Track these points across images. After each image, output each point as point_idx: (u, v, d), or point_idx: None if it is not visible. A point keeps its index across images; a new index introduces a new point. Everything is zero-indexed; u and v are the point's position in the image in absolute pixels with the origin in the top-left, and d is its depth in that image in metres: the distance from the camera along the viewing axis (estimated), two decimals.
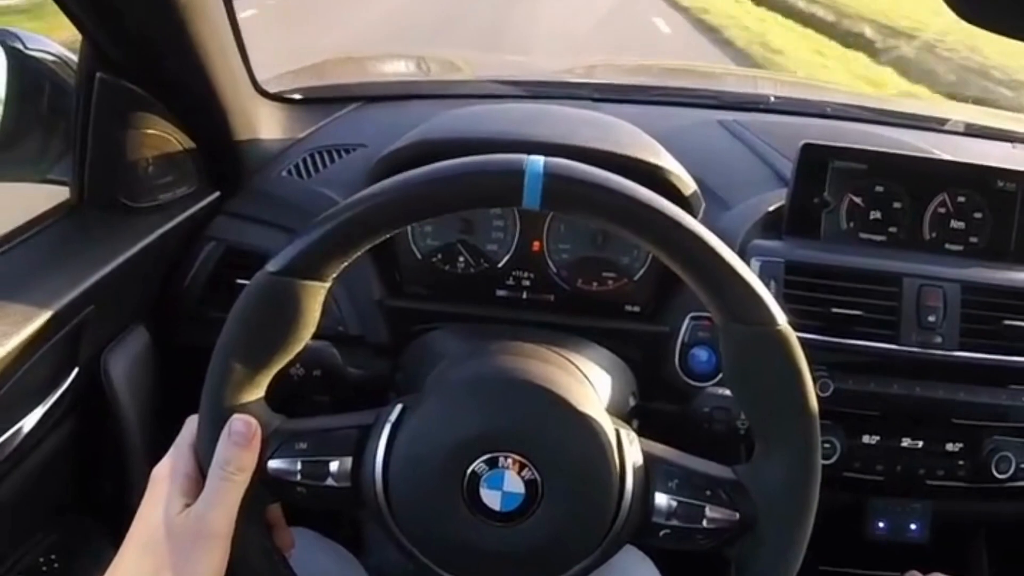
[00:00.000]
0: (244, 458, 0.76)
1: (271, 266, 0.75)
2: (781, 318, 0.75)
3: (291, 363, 0.81)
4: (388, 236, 0.76)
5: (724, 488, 0.78)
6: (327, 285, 0.77)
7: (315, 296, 0.76)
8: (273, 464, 0.77)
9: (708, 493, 0.78)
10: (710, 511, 0.77)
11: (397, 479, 0.77)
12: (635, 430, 0.84)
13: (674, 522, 0.78)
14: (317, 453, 0.78)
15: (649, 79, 2.18)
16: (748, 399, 0.79)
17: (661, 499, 0.78)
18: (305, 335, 0.78)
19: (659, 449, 0.82)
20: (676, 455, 0.81)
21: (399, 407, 0.81)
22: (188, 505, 0.75)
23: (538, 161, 0.73)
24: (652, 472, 0.79)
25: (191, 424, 0.79)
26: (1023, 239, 1.30)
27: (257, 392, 0.78)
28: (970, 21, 0.81)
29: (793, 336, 0.75)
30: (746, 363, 0.77)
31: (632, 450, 0.80)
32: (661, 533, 0.78)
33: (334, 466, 0.78)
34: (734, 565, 0.80)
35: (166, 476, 0.77)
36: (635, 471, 0.78)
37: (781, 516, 0.77)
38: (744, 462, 0.80)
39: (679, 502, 0.78)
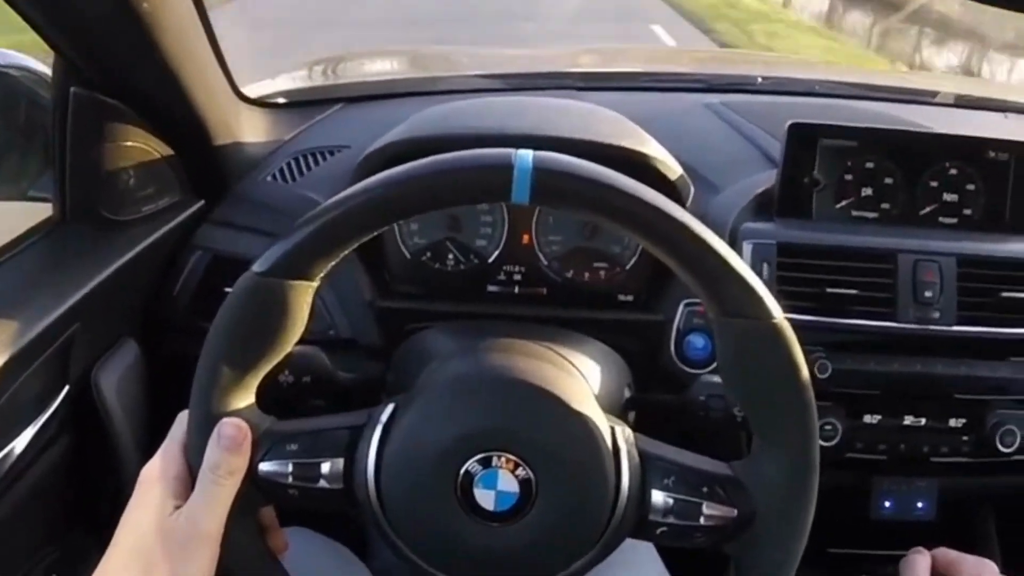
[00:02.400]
0: (234, 462, 0.75)
1: (257, 267, 0.74)
2: (776, 311, 0.74)
3: (279, 369, 0.80)
4: (375, 234, 0.75)
5: (721, 484, 0.77)
6: (315, 285, 0.76)
7: (303, 296, 0.75)
8: (264, 467, 0.77)
9: (705, 490, 0.77)
10: (707, 508, 0.76)
11: (390, 480, 0.77)
12: (632, 422, 0.83)
13: (671, 519, 0.77)
14: (308, 455, 0.77)
15: (634, 65, 2.16)
16: (744, 394, 0.78)
17: (657, 496, 0.77)
18: (294, 336, 0.77)
19: (655, 446, 0.81)
20: (672, 451, 0.80)
21: (391, 407, 0.80)
22: (178, 507, 0.75)
23: (527, 155, 0.72)
24: (648, 469, 0.78)
25: (181, 423, 0.79)
26: (1017, 209, 1.29)
27: (247, 395, 0.77)
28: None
29: (789, 329, 0.74)
30: (741, 357, 0.76)
31: (627, 447, 0.79)
32: (658, 531, 0.78)
33: (326, 467, 0.77)
34: (734, 561, 0.79)
35: (156, 478, 0.76)
36: (631, 468, 0.77)
37: (779, 512, 0.76)
38: (744, 450, 0.80)
39: (676, 499, 0.77)
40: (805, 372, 0.75)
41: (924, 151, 1.29)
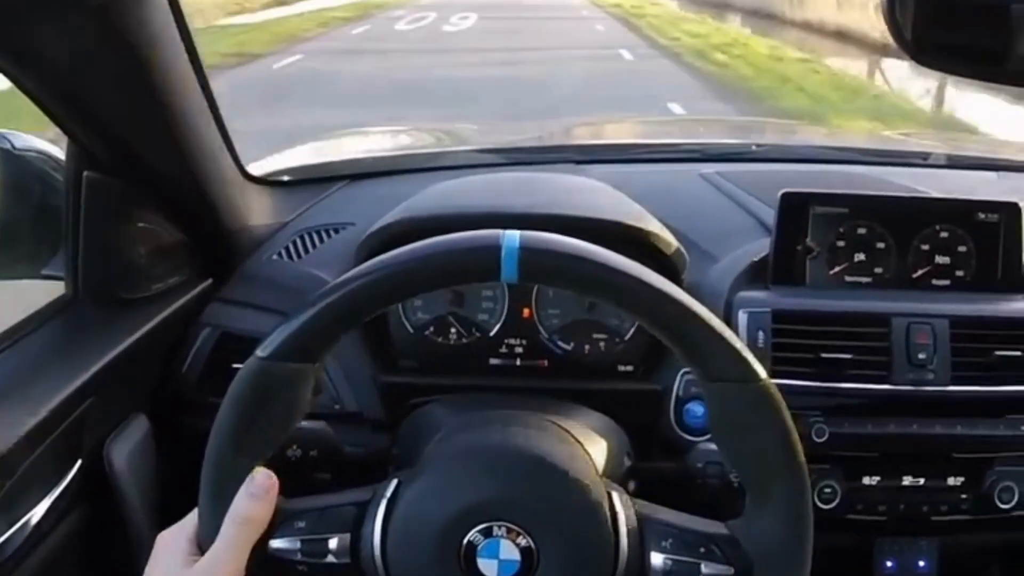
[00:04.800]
0: (259, 508, 0.78)
1: (261, 351, 0.77)
2: (762, 373, 0.76)
3: (287, 445, 0.82)
4: (374, 316, 0.78)
5: (718, 543, 0.79)
6: (316, 366, 0.79)
7: (306, 378, 0.78)
8: (274, 544, 0.79)
9: (702, 550, 0.78)
10: (705, 568, 0.78)
11: (395, 553, 0.79)
12: (632, 491, 0.85)
13: None
14: (316, 531, 0.79)
15: (630, 136, 2.21)
16: (735, 454, 0.80)
17: (656, 558, 0.79)
18: (298, 416, 0.80)
19: (651, 509, 0.83)
20: (669, 514, 0.82)
21: (394, 482, 0.82)
22: (195, 560, 0.77)
23: (514, 236, 0.76)
24: (646, 532, 0.80)
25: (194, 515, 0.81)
26: (1008, 269, 1.31)
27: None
28: (926, 65, 0.84)
29: (775, 390, 0.76)
30: (730, 419, 0.78)
31: (625, 511, 0.81)
32: None
33: (333, 543, 0.79)
34: None
35: (173, 538, 0.80)
36: (629, 532, 0.79)
37: (776, 568, 0.78)
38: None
39: (674, 560, 0.78)
40: (792, 431, 0.76)
41: (915, 215, 1.31)
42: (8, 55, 0.97)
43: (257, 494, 0.77)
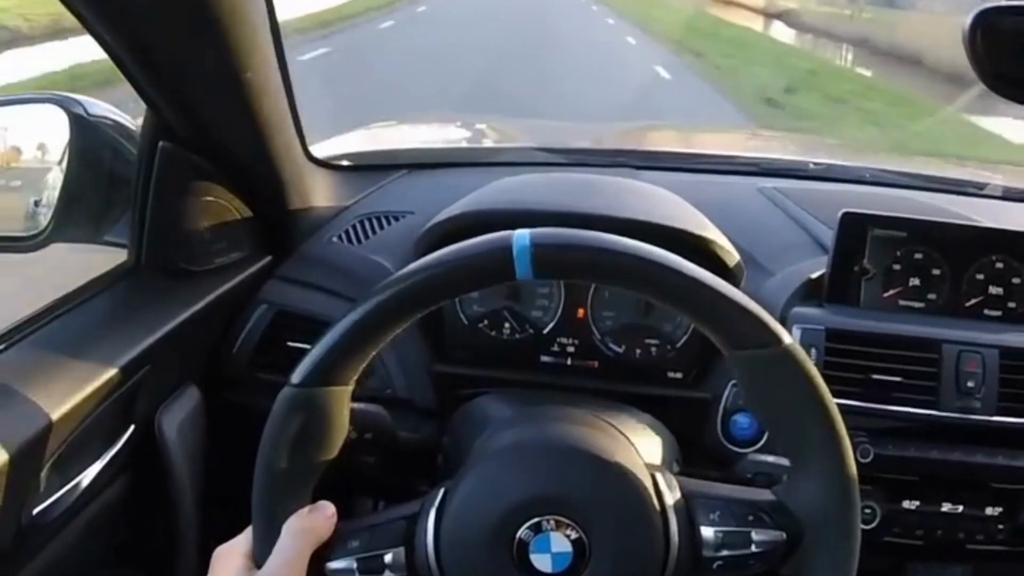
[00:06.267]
0: (314, 520, 0.80)
1: (294, 378, 0.79)
2: (785, 336, 0.77)
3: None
4: (399, 330, 0.80)
5: (766, 510, 0.80)
6: (350, 388, 0.81)
7: (340, 400, 0.81)
8: (332, 565, 0.80)
9: (751, 518, 0.80)
10: (756, 535, 0.79)
11: (450, 559, 0.80)
12: None
13: (724, 552, 0.79)
14: (371, 548, 0.81)
15: (688, 146, 2.21)
16: (770, 420, 0.81)
17: (707, 532, 0.80)
18: (338, 438, 0.82)
19: (696, 484, 0.84)
20: (714, 487, 0.84)
21: (441, 491, 0.84)
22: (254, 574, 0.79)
23: (524, 235, 0.77)
24: (693, 508, 0.81)
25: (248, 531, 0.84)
26: None
27: (303, 498, 0.82)
28: (1003, 96, 0.85)
29: (800, 351, 0.77)
30: (760, 386, 0.79)
31: (671, 491, 0.82)
32: (714, 565, 0.80)
33: (389, 558, 0.80)
34: None
35: (230, 552, 0.81)
36: (676, 510, 0.81)
37: (827, 526, 0.79)
38: None
39: (725, 532, 0.80)
40: (824, 390, 0.77)
41: (972, 244, 1.31)
42: (106, 24, 1.00)
43: (321, 511, 0.80)
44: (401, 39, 14.67)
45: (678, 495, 0.82)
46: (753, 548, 0.79)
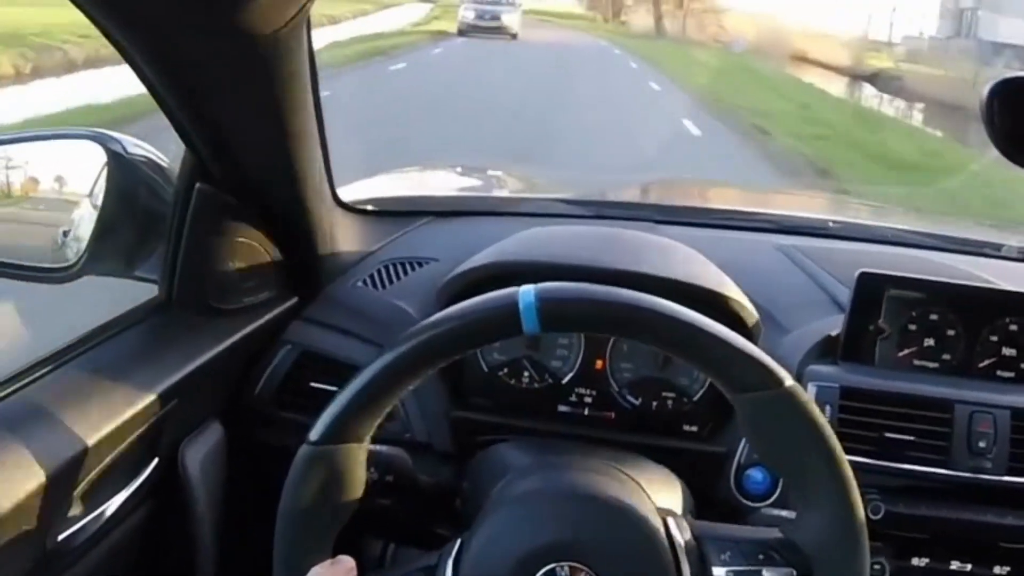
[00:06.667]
0: (336, 572, 0.82)
1: (312, 436, 0.83)
2: (786, 378, 0.79)
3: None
4: (411, 387, 0.84)
5: (775, 548, 0.82)
6: (365, 444, 0.84)
7: (356, 457, 0.84)
8: None
9: (761, 556, 0.82)
10: (767, 573, 0.81)
11: None
12: None
13: None
14: None
15: (709, 202, 2.23)
16: (775, 460, 0.84)
17: (719, 573, 0.82)
18: (356, 491, 0.85)
19: (707, 527, 0.86)
20: (723, 528, 0.86)
21: (458, 542, 0.86)
22: None
23: (530, 290, 0.80)
24: (705, 549, 0.83)
25: None
26: None
27: (325, 549, 0.84)
28: (1016, 163, 0.88)
29: (801, 391, 0.80)
30: (764, 428, 0.81)
31: (681, 534, 0.84)
32: None
33: None
34: None
35: None
36: (688, 552, 0.83)
37: (835, 561, 0.80)
38: None
39: (736, 571, 0.81)
40: (826, 428, 0.79)
41: (987, 306, 1.33)
42: (155, 70, 1.03)
43: (338, 562, 0.83)
44: (412, 81, 14.71)
45: (689, 536, 0.84)
46: None
